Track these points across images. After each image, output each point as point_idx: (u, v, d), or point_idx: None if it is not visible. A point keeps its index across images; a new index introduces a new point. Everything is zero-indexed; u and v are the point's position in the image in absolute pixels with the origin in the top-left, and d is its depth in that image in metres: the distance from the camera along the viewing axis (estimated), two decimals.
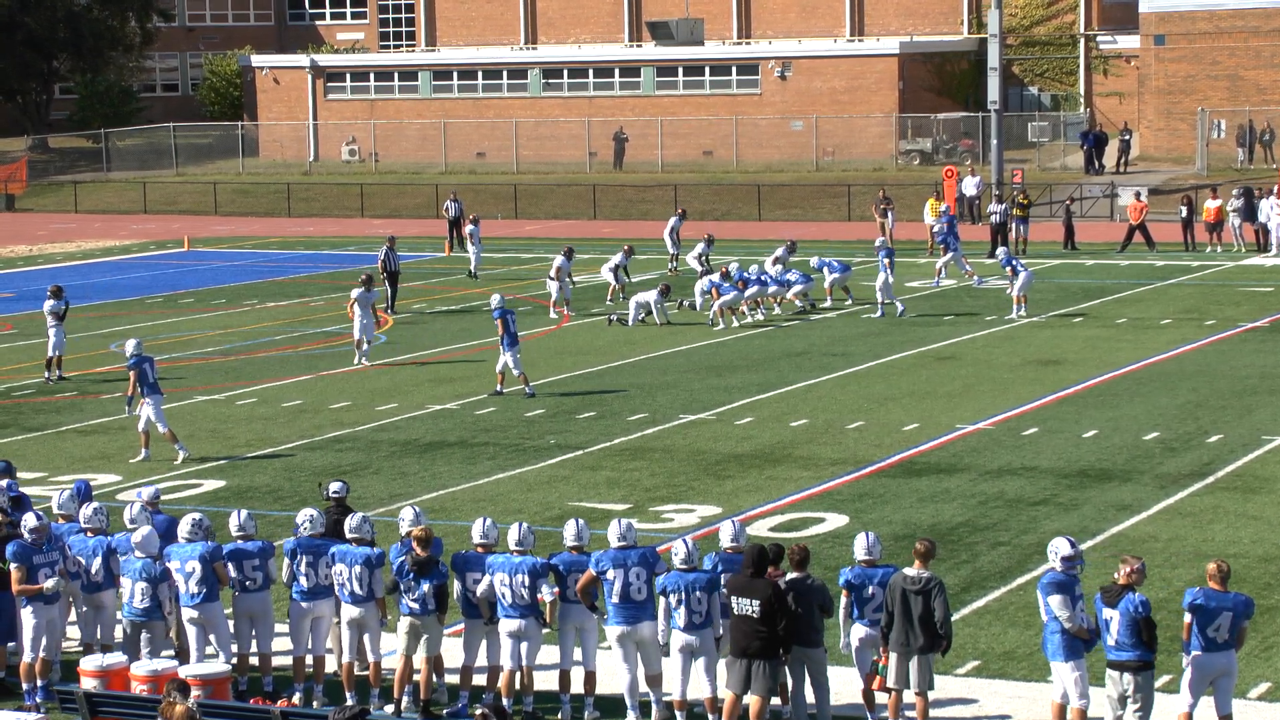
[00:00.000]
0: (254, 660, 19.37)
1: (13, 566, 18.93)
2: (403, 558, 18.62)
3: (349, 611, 18.83)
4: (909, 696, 17.66)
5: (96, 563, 19.34)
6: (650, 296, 44.75)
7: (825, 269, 47.80)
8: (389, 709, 18.56)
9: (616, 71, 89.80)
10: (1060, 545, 17.19)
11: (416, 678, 18.72)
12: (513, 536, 18.47)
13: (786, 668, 17.83)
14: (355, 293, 39.44)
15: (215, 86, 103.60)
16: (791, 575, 17.76)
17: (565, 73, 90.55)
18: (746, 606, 17.38)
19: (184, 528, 19.07)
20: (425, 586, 18.44)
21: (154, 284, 55.38)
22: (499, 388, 35.69)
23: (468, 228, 55.53)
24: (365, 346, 39.35)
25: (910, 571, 17.55)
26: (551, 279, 46.83)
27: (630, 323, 44.52)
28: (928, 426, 31.93)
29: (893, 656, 17.61)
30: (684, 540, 18.27)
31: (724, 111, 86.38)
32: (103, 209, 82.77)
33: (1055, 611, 16.88)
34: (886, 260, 45.27)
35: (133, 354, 30.81)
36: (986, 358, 39.09)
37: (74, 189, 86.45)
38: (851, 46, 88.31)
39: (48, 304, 38.57)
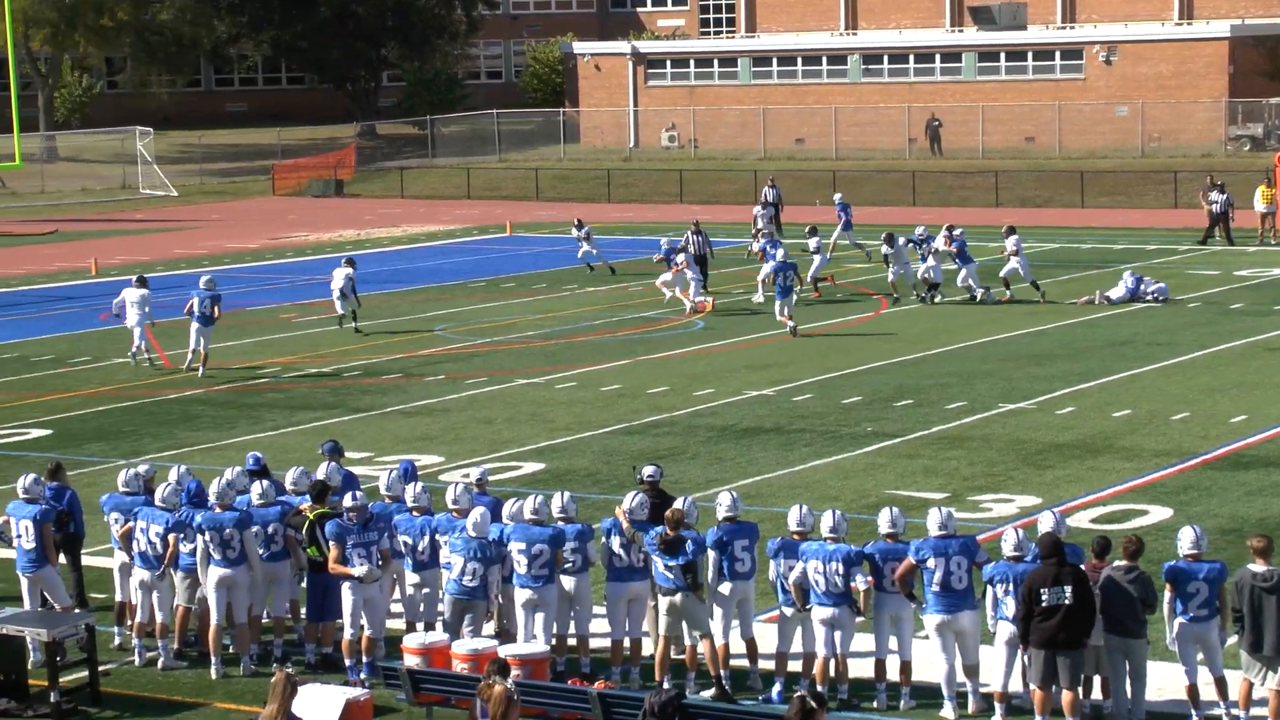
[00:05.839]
0: (571, 641, 19.57)
1: (331, 545, 19.33)
2: (653, 535, 18.68)
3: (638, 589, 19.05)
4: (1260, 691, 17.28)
5: (424, 542, 19.66)
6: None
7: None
8: (707, 693, 18.59)
9: (937, 57, 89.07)
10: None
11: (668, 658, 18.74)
12: (826, 523, 18.40)
13: (1107, 659, 17.54)
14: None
15: (538, 73, 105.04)
16: (1119, 563, 17.45)
17: (885, 58, 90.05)
18: (1057, 596, 17.10)
19: (529, 510, 19.22)
20: (674, 564, 18.47)
21: (476, 268, 56.24)
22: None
23: (583, 229, 53.34)
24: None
25: (1257, 568, 17.13)
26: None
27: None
28: (1256, 418, 31.10)
29: (1243, 654, 17.24)
30: (1014, 529, 18.07)
31: (1047, 97, 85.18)
32: (428, 194, 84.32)
33: None
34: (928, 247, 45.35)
35: None
36: None
37: (400, 175, 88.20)
38: (1180, 30, 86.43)
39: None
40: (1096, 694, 18.00)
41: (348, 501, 19.57)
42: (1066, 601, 17.05)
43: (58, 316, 48.07)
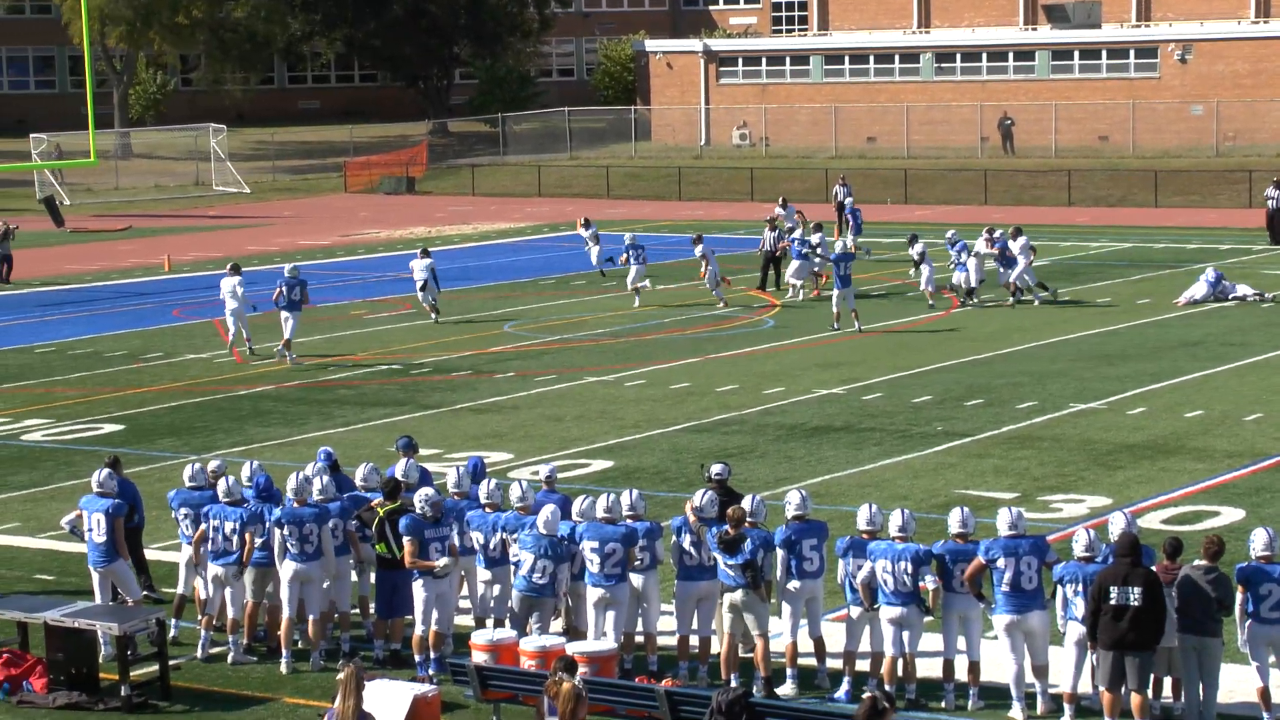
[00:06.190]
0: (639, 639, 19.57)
1: (406, 540, 19.37)
2: (714, 533, 18.72)
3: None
4: None
5: (495, 538, 19.69)
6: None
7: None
8: (788, 688, 18.55)
9: (1010, 55, 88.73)
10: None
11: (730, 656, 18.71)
12: (895, 523, 18.34)
13: (1181, 660, 17.44)
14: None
15: (609, 71, 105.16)
16: (1198, 563, 17.34)
17: (958, 56, 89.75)
18: (1125, 596, 17.00)
19: (601, 508, 19.21)
20: (733, 562, 18.49)
21: (547, 266, 56.33)
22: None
23: (590, 228, 52.75)
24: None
25: None
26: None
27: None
28: None
29: None
30: (1085, 529, 17.99)
31: (1121, 96, 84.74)
32: (499, 192, 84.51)
33: None
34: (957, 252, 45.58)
35: None
36: None
37: (471, 172, 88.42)
38: (1256, 28, 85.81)
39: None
40: (1167, 695, 17.90)
41: (429, 496, 19.60)
42: (1134, 603, 16.93)
43: (131, 312, 48.39)
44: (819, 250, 46.35)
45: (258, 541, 20.06)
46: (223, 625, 20.40)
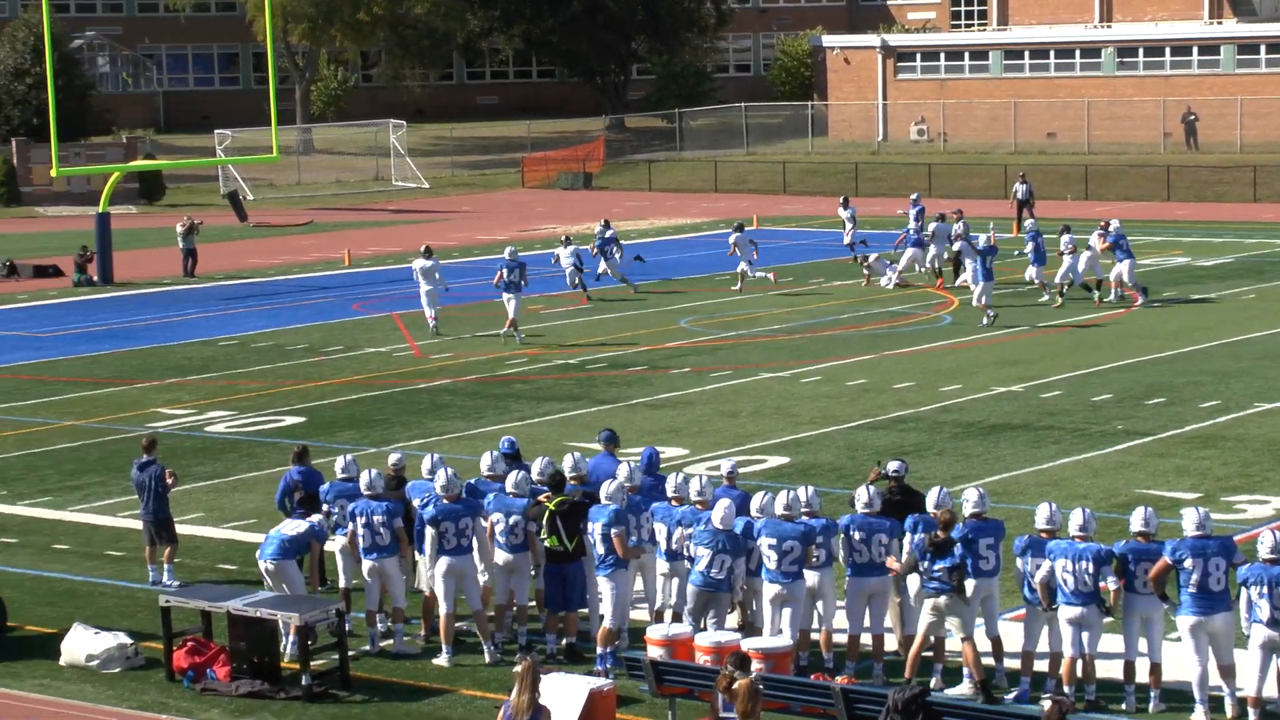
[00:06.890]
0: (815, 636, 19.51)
1: (613, 532, 19.40)
2: (921, 537, 18.60)
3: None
4: None
5: (678, 531, 19.71)
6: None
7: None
8: (965, 689, 18.41)
9: (1194, 50, 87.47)
10: None
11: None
12: (1075, 521, 18.15)
13: None
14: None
15: (786, 67, 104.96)
16: None
17: (1140, 51, 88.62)
18: None
19: (780, 506, 19.19)
20: (944, 565, 18.35)
21: (722, 262, 56.14)
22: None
23: (569, 245, 49.89)
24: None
25: None
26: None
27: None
28: None
29: None
30: (1271, 531, 17.69)
31: None
32: (674, 187, 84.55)
33: None
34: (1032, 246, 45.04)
35: None
36: None
37: (648, 168, 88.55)
38: None
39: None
40: None
41: (620, 486, 19.69)
42: None
43: (312, 306, 48.98)
44: (965, 238, 45.88)
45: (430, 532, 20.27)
46: (402, 618, 20.56)
